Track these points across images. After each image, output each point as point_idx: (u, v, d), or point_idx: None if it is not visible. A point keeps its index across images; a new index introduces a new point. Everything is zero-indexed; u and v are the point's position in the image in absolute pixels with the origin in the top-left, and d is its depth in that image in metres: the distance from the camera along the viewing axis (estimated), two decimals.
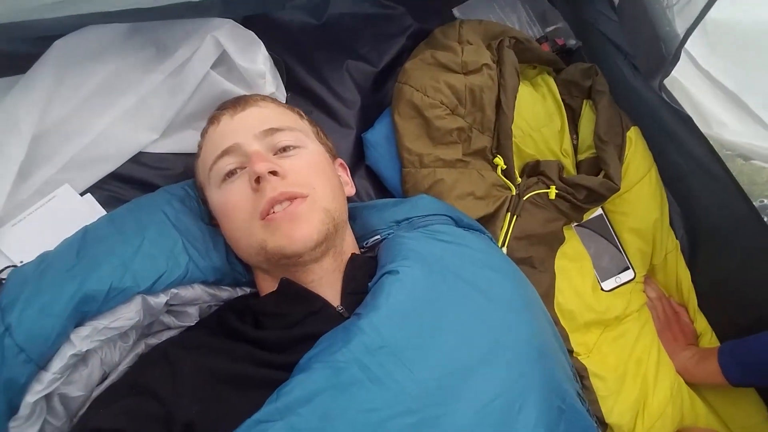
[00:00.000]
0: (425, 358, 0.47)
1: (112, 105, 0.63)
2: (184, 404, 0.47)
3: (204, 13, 0.62)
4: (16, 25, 0.49)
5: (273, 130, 0.59)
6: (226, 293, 0.60)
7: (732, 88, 0.88)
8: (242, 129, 0.59)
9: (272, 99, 0.67)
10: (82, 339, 0.49)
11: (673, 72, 0.93)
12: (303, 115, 0.68)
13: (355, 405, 0.43)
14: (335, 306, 0.55)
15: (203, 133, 0.63)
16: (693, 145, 0.86)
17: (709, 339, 0.86)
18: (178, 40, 0.63)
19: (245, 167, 0.57)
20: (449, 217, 0.67)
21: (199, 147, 0.64)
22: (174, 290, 0.55)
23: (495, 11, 1.00)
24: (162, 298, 0.54)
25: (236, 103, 0.63)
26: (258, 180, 0.54)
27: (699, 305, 0.88)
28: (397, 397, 0.44)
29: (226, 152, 0.58)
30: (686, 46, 0.90)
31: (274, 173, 0.55)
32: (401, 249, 0.56)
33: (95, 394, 0.52)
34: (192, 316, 0.58)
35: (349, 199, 0.67)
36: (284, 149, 0.59)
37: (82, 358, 0.50)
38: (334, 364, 0.45)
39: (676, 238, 0.90)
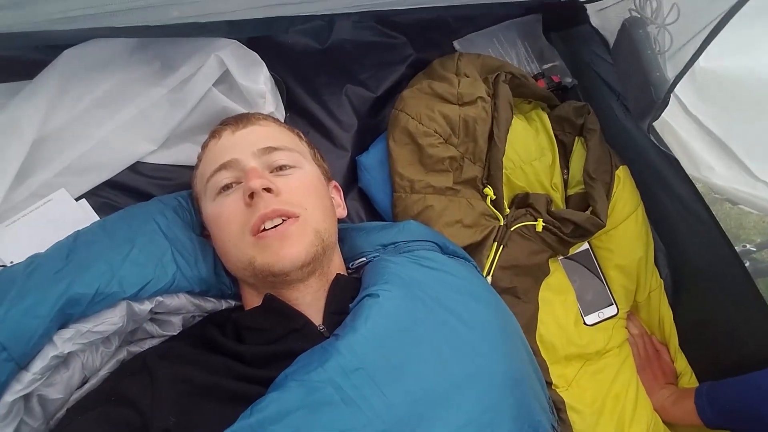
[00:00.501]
0: (399, 382, 0.47)
1: (114, 115, 0.65)
2: (160, 414, 0.47)
3: (210, 33, 0.65)
4: (25, 34, 0.51)
5: (271, 149, 0.61)
6: (210, 304, 0.61)
7: (719, 135, 0.90)
8: (242, 145, 0.61)
9: (274, 119, 0.69)
10: (64, 341, 0.50)
11: (663, 115, 0.95)
12: (302, 136, 0.70)
13: (327, 425, 0.44)
14: (317, 325, 0.56)
15: (204, 146, 0.65)
16: (679, 187, 0.88)
17: (688, 379, 0.87)
18: (182, 57, 0.66)
19: (241, 182, 0.58)
20: (435, 243, 0.68)
21: (199, 159, 0.66)
22: (159, 298, 0.56)
23: (494, 46, 1.03)
24: (147, 306, 0.54)
25: (239, 119, 0.65)
26: (252, 195, 0.55)
27: (680, 344, 0.89)
28: (370, 420, 0.44)
29: (224, 166, 0.59)
30: (676, 91, 0.93)
31: (268, 190, 0.56)
32: (384, 273, 0.57)
33: (74, 397, 0.53)
34: (175, 325, 0.59)
35: (340, 221, 0.69)
36: (281, 168, 0.61)
37: (63, 361, 0.51)
38: (309, 384, 0.45)
39: (661, 277, 0.91)
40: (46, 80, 0.61)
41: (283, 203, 0.56)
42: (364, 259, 0.66)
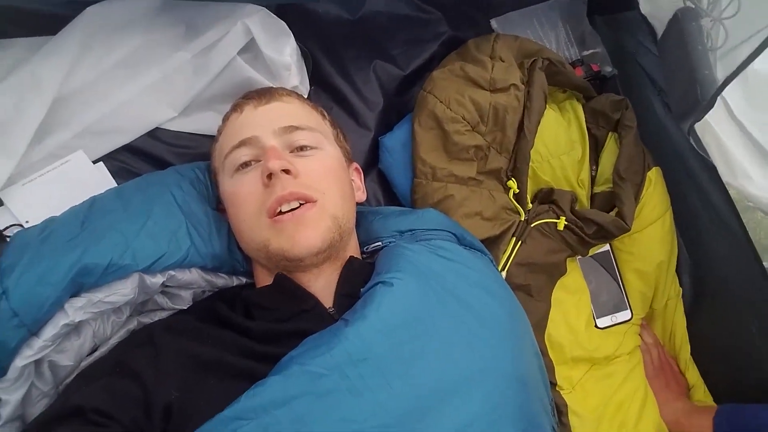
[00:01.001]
0: (407, 375, 0.47)
1: (136, 78, 0.63)
2: (164, 388, 0.47)
3: None
4: None
5: (293, 128, 0.59)
6: (222, 281, 0.61)
7: (764, 144, 0.85)
8: (263, 122, 0.59)
9: (298, 95, 0.67)
10: (75, 309, 0.50)
11: (708, 119, 0.90)
12: (326, 115, 0.68)
13: (332, 414, 0.43)
14: (327, 307, 0.56)
15: (225, 119, 0.63)
16: (713, 195, 0.84)
17: (702, 393, 0.85)
18: (208, 22, 0.63)
19: (260, 161, 0.57)
20: (453, 234, 0.67)
21: (219, 132, 0.64)
22: (172, 272, 0.56)
23: (534, 27, 0.98)
24: (159, 279, 0.54)
25: (262, 94, 0.62)
26: (270, 176, 0.54)
27: (695, 356, 0.87)
28: (374, 411, 0.44)
29: (243, 143, 0.58)
30: (723, 93, 0.88)
31: (287, 171, 0.55)
32: (399, 260, 0.56)
33: (83, 364, 0.54)
34: (185, 299, 0.59)
35: (358, 204, 0.67)
36: (301, 148, 0.59)
37: (75, 329, 0.51)
38: (315, 370, 0.45)
39: (680, 285, 0.89)
40: (69, 37, 0.59)
41: (301, 186, 0.55)
42: (380, 243, 0.64)
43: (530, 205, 0.80)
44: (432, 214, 0.69)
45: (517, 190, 0.79)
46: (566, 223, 0.79)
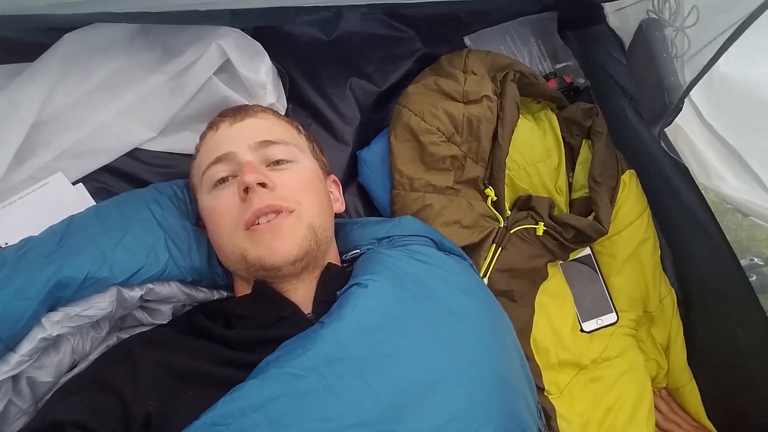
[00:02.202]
0: (383, 373, 0.47)
1: (113, 100, 0.65)
2: (142, 400, 0.47)
3: (213, 22, 0.64)
4: (28, 17, 0.51)
5: (268, 143, 0.60)
6: (202, 294, 0.61)
7: (733, 144, 0.87)
8: (239, 138, 0.60)
9: (273, 111, 0.68)
10: (53, 324, 0.50)
11: (677, 120, 0.93)
12: (301, 129, 0.69)
13: (309, 414, 0.44)
14: (306, 313, 0.56)
15: (202, 137, 0.65)
16: (687, 196, 0.86)
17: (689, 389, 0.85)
18: (184, 45, 0.65)
19: (237, 176, 0.58)
20: (430, 239, 0.68)
21: (197, 150, 0.65)
22: (150, 285, 0.56)
23: (506, 43, 1.01)
24: (137, 292, 0.55)
25: (237, 111, 0.64)
26: (246, 190, 0.55)
27: (691, 363, 0.87)
28: (352, 410, 0.44)
29: (219, 159, 0.59)
30: (692, 97, 0.90)
31: (263, 185, 0.56)
32: (375, 264, 0.57)
33: (62, 380, 0.53)
34: (165, 314, 0.59)
35: (338, 216, 0.68)
36: (277, 162, 0.60)
37: (54, 344, 0.51)
38: (292, 371, 0.45)
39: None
40: (47, 63, 0.61)
41: (277, 198, 0.56)
42: (358, 251, 0.65)
43: (509, 212, 0.81)
44: (409, 221, 0.70)
45: (495, 198, 0.80)
46: (545, 228, 0.80)
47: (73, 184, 0.65)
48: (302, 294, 0.57)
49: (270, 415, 0.43)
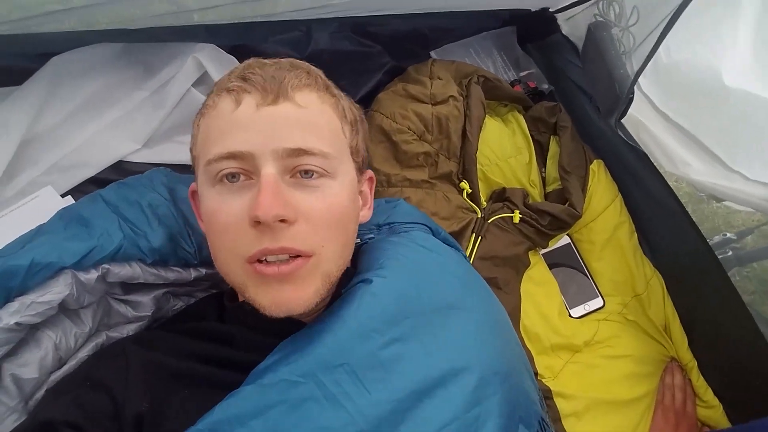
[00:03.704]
0: (384, 379, 0.45)
1: (99, 117, 0.69)
2: (134, 400, 0.47)
3: (189, 39, 0.69)
4: (14, 37, 0.55)
5: (301, 152, 0.46)
6: (173, 274, 0.59)
7: (688, 128, 0.93)
8: (264, 134, 0.45)
9: (319, 86, 0.51)
10: (10, 314, 0.49)
11: (638, 115, 0.98)
12: (347, 109, 0.54)
13: (308, 423, 0.42)
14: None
15: (210, 96, 0.50)
16: (649, 181, 0.90)
17: (720, 414, 0.84)
18: (163, 62, 0.70)
19: (251, 178, 0.46)
20: (428, 227, 0.66)
21: (201, 113, 0.51)
22: (106, 266, 0.54)
23: (471, 56, 1.08)
24: (93, 274, 0.53)
25: (269, 84, 0.47)
26: (258, 223, 0.44)
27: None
28: (352, 418, 0.43)
29: (232, 156, 0.46)
30: (644, 89, 0.96)
31: (282, 220, 0.44)
32: (381, 255, 0.53)
33: (53, 378, 0.53)
34: (146, 305, 0.59)
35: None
36: (306, 172, 0.47)
37: (34, 340, 0.52)
38: (290, 378, 0.44)
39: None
40: (35, 85, 0.65)
41: (296, 240, 0.45)
42: (358, 240, 0.60)
43: (485, 204, 0.85)
44: (406, 207, 0.67)
45: (470, 190, 0.84)
46: (521, 216, 0.83)
47: (62, 196, 0.68)
48: None
49: (267, 423, 0.42)
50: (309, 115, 0.48)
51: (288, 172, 0.47)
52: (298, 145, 0.46)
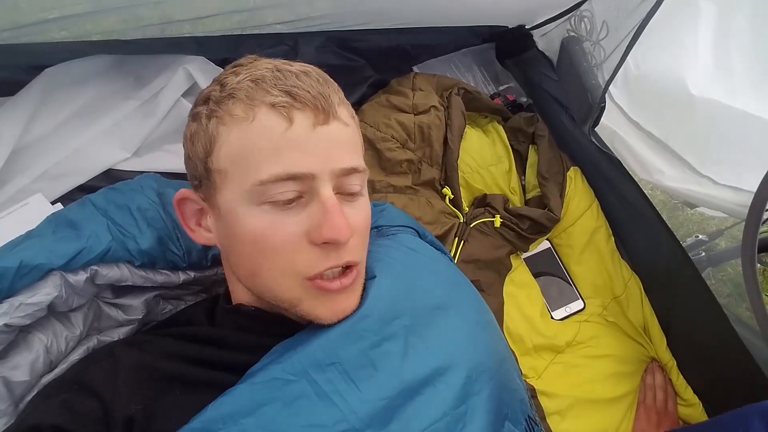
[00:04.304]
0: (375, 377, 0.46)
1: (90, 126, 0.70)
2: (123, 402, 0.47)
3: (180, 51, 0.72)
4: (8, 48, 0.57)
5: (352, 171, 0.47)
6: (162, 277, 0.60)
7: (659, 136, 0.97)
8: (322, 156, 0.45)
9: (347, 106, 0.51)
10: None
11: (612, 126, 1.03)
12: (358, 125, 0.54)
13: (300, 420, 0.43)
14: None
15: (234, 104, 0.46)
16: (623, 186, 0.93)
17: (700, 412, 0.86)
18: (154, 73, 0.72)
19: (302, 197, 0.46)
20: (414, 230, 0.68)
21: (220, 118, 0.46)
22: (95, 267, 0.54)
23: (452, 71, 1.13)
24: (81, 276, 0.53)
25: (318, 102, 0.45)
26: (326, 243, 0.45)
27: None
28: (344, 416, 0.44)
29: (294, 177, 0.44)
30: (616, 100, 1.01)
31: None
32: (369, 257, 0.54)
33: (44, 381, 0.53)
34: (137, 308, 0.59)
35: None
36: (351, 194, 0.48)
37: (25, 343, 0.52)
38: (283, 376, 0.45)
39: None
40: (28, 95, 0.67)
41: (352, 252, 0.47)
42: None
43: (467, 209, 0.87)
44: (393, 211, 0.69)
45: (452, 196, 0.86)
46: (502, 220, 0.86)
47: (52, 203, 0.69)
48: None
49: (260, 421, 0.42)
50: (351, 133, 0.49)
51: (337, 190, 0.47)
52: (351, 165, 0.47)
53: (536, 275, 0.93)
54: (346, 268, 0.47)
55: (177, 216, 0.54)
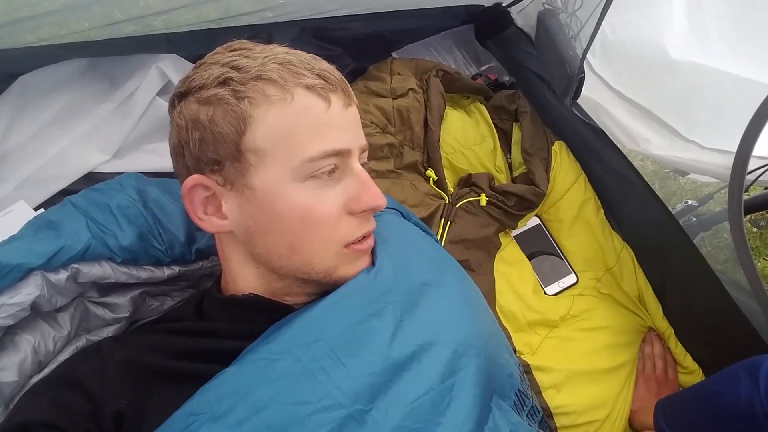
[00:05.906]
0: (361, 353, 0.47)
1: (68, 131, 0.71)
2: (112, 398, 0.47)
3: (151, 50, 0.72)
4: None
5: (367, 147, 0.53)
6: (146, 273, 0.60)
7: (641, 103, 0.97)
8: (353, 133, 0.50)
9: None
10: None
11: (595, 98, 1.02)
12: None
13: (286, 397, 0.44)
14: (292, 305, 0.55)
15: (268, 85, 0.46)
16: (610, 157, 0.92)
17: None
18: (127, 74, 0.73)
19: (335, 171, 0.49)
20: (398, 211, 0.69)
21: (253, 100, 0.46)
22: (76, 266, 0.54)
23: (432, 54, 1.12)
24: (63, 274, 0.53)
25: (342, 84, 0.50)
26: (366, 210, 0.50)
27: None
28: (329, 392, 0.44)
29: (336, 153, 0.48)
30: (597, 70, 1.00)
31: None
32: None
33: (32, 382, 0.53)
34: (123, 307, 0.60)
35: None
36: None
37: (12, 344, 0.53)
38: (268, 356, 0.46)
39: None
40: (3, 104, 0.67)
41: (372, 218, 0.53)
42: None
43: (452, 190, 0.87)
44: None
45: (436, 178, 0.86)
46: (488, 198, 0.86)
47: (35, 209, 0.69)
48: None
49: (246, 400, 0.43)
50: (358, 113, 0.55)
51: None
52: (365, 141, 0.52)
53: (530, 257, 0.92)
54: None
55: (185, 205, 0.52)
